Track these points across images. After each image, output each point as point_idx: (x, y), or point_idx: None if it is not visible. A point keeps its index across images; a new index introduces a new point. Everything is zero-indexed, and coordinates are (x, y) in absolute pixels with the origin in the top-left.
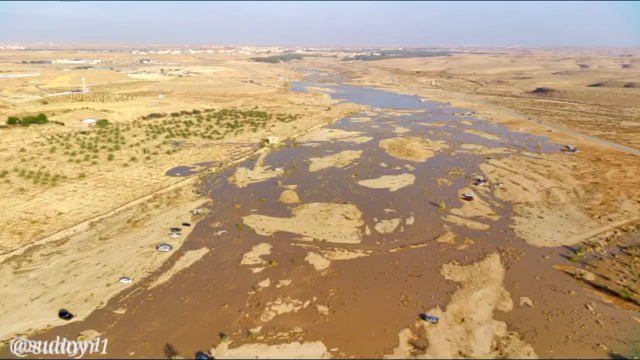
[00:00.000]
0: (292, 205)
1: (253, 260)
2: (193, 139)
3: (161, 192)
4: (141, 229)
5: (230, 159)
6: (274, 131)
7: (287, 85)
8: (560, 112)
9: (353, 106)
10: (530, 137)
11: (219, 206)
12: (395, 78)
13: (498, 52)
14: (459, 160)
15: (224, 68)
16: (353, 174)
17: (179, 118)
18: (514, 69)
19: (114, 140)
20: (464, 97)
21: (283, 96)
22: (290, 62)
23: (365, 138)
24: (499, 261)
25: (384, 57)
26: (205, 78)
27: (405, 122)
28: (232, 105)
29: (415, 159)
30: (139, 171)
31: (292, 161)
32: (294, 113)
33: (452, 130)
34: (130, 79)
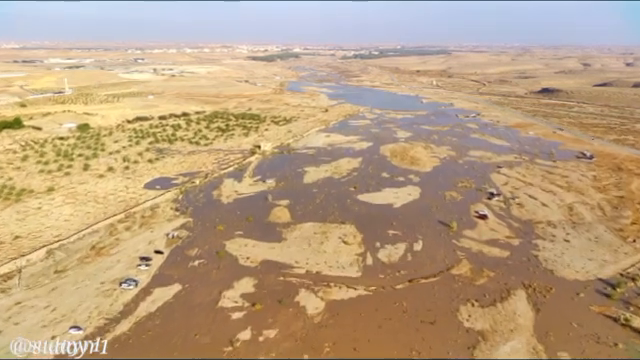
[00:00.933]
0: (283, 225)
1: (233, 301)
2: (179, 145)
3: (135, 210)
4: (105, 258)
5: (217, 168)
6: (267, 136)
7: (283, 85)
8: (569, 114)
9: (352, 108)
10: (541, 142)
11: (199, 227)
12: (395, 77)
13: (498, 50)
14: (468, 169)
15: (219, 67)
16: (352, 186)
17: (167, 121)
18: (516, 68)
19: (93, 147)
20: (467, 97)
21: (279, 97)
22: (287, 61)
23: (365, 144)
24: (526, 300)
25: (383, 56)
26: (198, 78)
27: (407, 125)
28: (224, 107)
29: (420, 168)
30: (115, 183)
31: (285, 171)
32: (289, 115)
33: (457, 134)
34: (121, 79)
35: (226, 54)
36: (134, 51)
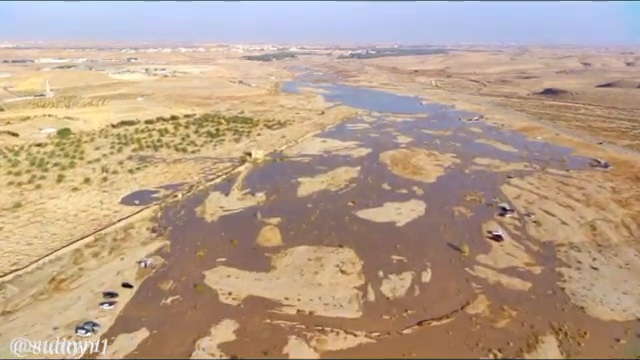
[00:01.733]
0: (272, 250)
1: (209, 353)
2: (164, 152)
3: (107, 231)
4: (64, 294)
5: (203, 179)
6: (259, 141)
7: (278, 86)
8: (576, 116)
9: (349, 110)
10: (551, 148)
11: (177, 253)
12: (392, 77)
13: (496, 50)
14: (475, 180)
15: (213, 67)
16: (350, 201)
17: (153, 126)
18: (515, 67)
19: (72, 155)
20: (468, 99)
21: (273, 98)
22: (283, 60)
23: (363, 150)
24: (558, 350)
25: (380, 55)
26: (191, 78)
27: (407, 129)
28: (216, 109)
29: (423, 178)
30: (89, 198)
31: (277, 182)
32: (284, 119)
33: (461, 139)
34: (110, 80)
35: (221, 54)
36: (128, 51)
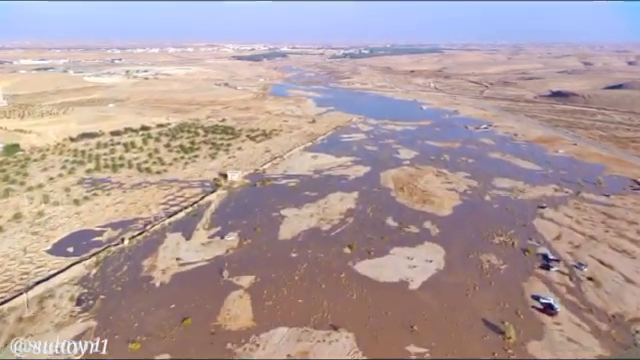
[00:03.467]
0: (238, 337)
1: None
2: (124, 174)
3: (13, 304)
4: None
5: (164, 213)
6: (239, 158)
7: (266, 88)
8: (594, 123)
9: (342, 117)
10: (578, 165)
11: (102, 343)
12: (388, 79)
13: (490, 49)
14: (500, 211)
15: (199, 68)
16: (347, 245)
17: (119, 138)
18: (514, 67)
19: (12, 178)
20: (472, 103)
21: (260, 103)
22: (274, 60)
23: (361, 168)
24: None
25: (373, 55)
26: (173, 81)
27: (409, 141)
28: (195, 117)
29: (436, 209)
30: (12, 243)
31: (255, 217)
32: (270, 128)
33: (472, 153)
34: (85, 83)
35: (210, 53)
36: (114, 51)
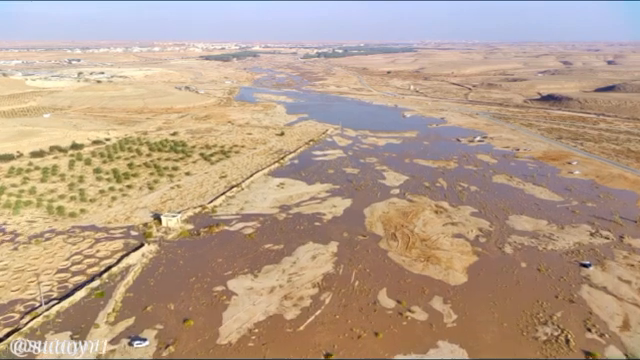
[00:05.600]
0: None
1: None
2: (27, 217)
3: None
4: None
5: (56, 289)
6: (185, 188)
7: (232, 92)
8: (601, 133)
9: (316, 127)
10: (604, 192)
11: None
12: (364, 80)
13: (464, 48)
14: (531, 273)
15: (162, 69)
16: (323, 355)
17: (41, 161)
18: (493, 67)
19: None
20: (458, 108)
21: (222, 110)
22: (244, 60)
23: (339, 202)
24: None
25: (347, 54)
26: (127, 85)
27: (395, 160)
28: (143, 129)
29: (444, 274)
30: None
31: (189, 295)
32: (230, 143)
33: (473, 177)
34: (26, 88)
35: (177, 53)
36: (75, 51)
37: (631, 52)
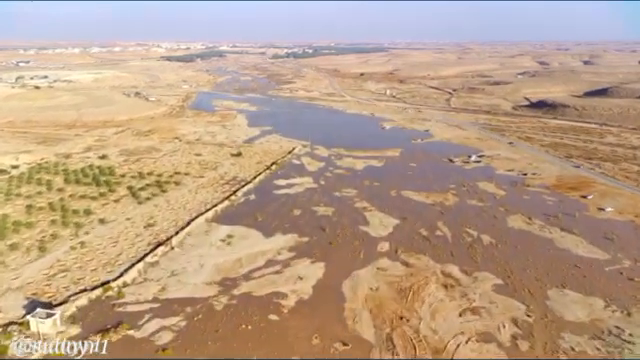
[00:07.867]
0: None
1: None
2: None
3: None
4: None
5: None
6: (91, 248)
7: (188, 98)
8: (615, 150)
9: (281, 144)
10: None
11: None
12: (336, 84)
13: (436, 48)
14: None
15: (116, 72)
16: None
17: None
18: (470, 68)
19: None
20: (442, 117)
21: (171, 123)
22: (209, 61)
23: (305, 271)
24: None
25: (318, 54)
26: (66, 92)
27: (379, 191)
28: (67, 150)
29: None
30: None
31: None
32: (171, 169)
33: (481, 219)
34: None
35: (138, 54)
36: (29, 51)
37: (603, 52)
